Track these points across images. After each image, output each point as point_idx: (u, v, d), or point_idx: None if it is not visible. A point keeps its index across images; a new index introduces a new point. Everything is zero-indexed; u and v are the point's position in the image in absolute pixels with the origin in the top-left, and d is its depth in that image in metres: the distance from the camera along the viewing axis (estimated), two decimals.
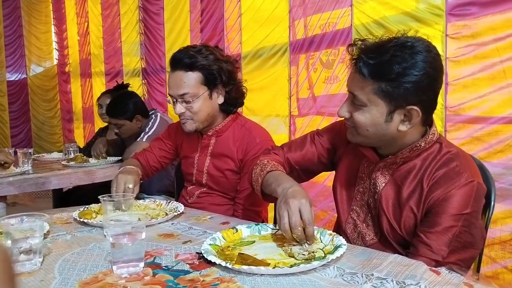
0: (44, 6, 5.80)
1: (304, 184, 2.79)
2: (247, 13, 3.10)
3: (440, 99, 1.90)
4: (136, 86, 4.16)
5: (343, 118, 1.35)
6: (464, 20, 2.02)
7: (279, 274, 0.88)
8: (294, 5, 2.78)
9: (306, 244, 1.00)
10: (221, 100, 1.61)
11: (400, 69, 1.00)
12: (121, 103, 2.62)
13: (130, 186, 1.42)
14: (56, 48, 5.79)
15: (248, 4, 3.08)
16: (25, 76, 6.07)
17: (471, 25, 2.00)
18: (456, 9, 2.04)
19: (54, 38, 5.78)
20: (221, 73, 1.57)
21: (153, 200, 1.56)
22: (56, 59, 5.82)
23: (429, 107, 1.07)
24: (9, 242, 0.91)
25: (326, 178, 2.52)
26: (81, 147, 3.20)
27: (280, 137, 2.76)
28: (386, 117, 1.05)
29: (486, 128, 1.98)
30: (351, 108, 1.10)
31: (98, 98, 3.18)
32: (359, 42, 1.07)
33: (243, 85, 1.70)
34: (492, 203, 1.23)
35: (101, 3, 4.70)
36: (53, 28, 5.77)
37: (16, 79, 6.10)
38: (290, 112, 2.85)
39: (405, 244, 1.11)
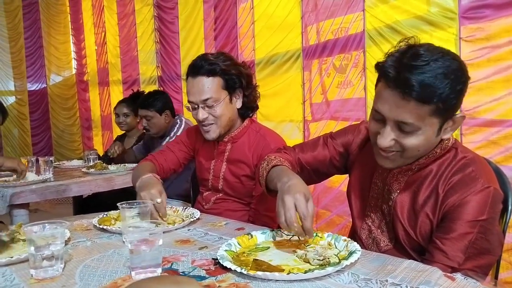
0: (62, 17, 5.95)
1: (320, 189, 2.81)
2: (260, 20, 3.13)
3: None
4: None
5: (357, 122, 1.36)
6: (478, 22, 2.01)
7: (294, 280, 0.89)
8: (307, 11, 2.80)
9: (315, 246, 1.01)
10: (239, 104, 1.65)
11: (450, 83, 0.96)
12: (153, 96, 2.75)
13: (159, 200, 1.37)
14: (75, 57, 5.92)
15: (261, 11, 3.12)
16: (45, 85, 6.22)
17: (485, 28, 1.98)
18: (470, 12, 2.03)
19: (72, 48, 5.92)
20: (240, 77, 1.61)
21: (170, 206, 1.57)
22: (75, 68, 5.95)
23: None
24: (32, 248, 0.95)
25: (342, 183, 2.52)
26: (100, 154, 3.26)
27: (294, 142, 2.75)
28: (437, 131, 1.03)
29: (502, 131, 1.95)
30: (396, 135, 1.03)
31: (115, 107, 3.25)
32: (388, 62, 1.00)
33: (257, 89, 1.73)
34: (510, 208, 1.21)
35: (118, 13, 4.80)
36: (71, 39, 5.90)
37: (37, 88, 6.25)
38: (304, 117, 2.86)
39: (421, 250, 1.10)
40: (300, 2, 2.83)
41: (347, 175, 1.37)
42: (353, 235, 1.29)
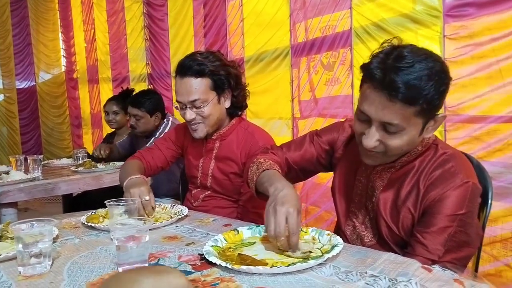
0: (51, 15, 5.91)
1: (308, 185, 2.83)
2: (249, 17, 3.14)
3: None
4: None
5: (343, 120, 1.38)
6: (461, 21, 2.04)
7: (277, 273, 0.91)
8: (295, 9, 2.82)
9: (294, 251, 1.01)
10: (228, 104, 1.65)
11: (435, 84, 0.98)
12: (146, 95, 2.72)
13: (147, 198, 1.39)
14: (64, 55, 5.88)
15: (250, 9, 3.13)
16: (34, 83, 6.17)
17: (468, 26, 2.02)
18: (453, 10, 2.06)
19: (61, 45, 5.88)
20: (229, 78, 1.61)
21: (159, 204, 1.59)
22: (64, 66, 5.92)
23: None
24: (20, 246, 0.96)
25: (330, 179, 2.52)
26: (90, 153, 3.26)
27: (283, 139, 2.78)
28: (420, 131, 1.05)
29: (485, 127, 1.99)
30: (381, 135, 1.06)
31: (104, 105, 3.24)
32: (373, 63, 1.02)
33: (247, 88, 1.74)
34: (489, 201, 1.24)
35: (107, 10, 4.78)
36: (60, 36, 5.87)
37: (26, 86, 6.20)
38: (293, 115, 2.88)
39: (403, 245, 1.13)
40: None
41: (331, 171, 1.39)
42: (338, 231, 1.31)
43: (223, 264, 0.93)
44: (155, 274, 0.58)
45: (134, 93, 3.07)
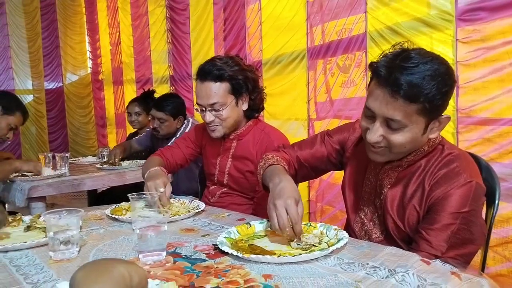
0: (78, 18, 6.11)
1: (324, 185, 2.87)
2: (267, 21, 3.21)
3: (451, 102, 1.96)
4: (165, 92, 4.34)
5: (354, 121, 1.44)
6: (474, 24, 2.06)
7: (284, 263, 0.97)
8: (312, 12, 2.87)
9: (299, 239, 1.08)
10: (245, 106, 1.73)
11: (437, 85, 1.03)
12: (170, 99, 2.77)
13: (161, 190, 1.48)
14: (90, 57, 6.08)
15: (268, 13, 3.19)
16: (62, 84, 6.39)
17: (481, 30, 2.03)
18: (466, 14, 2.08)
19: (88, 48, 6.08)
20: (247, 82, 1.68)
21: (178, 199, 1.67)
22: (90, 67, 6.11)
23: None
24: (51, 234, 1.05)
25: None
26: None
27: (299, 139, 2.85)
28: (423, 130, 1.09)
29: (497, 129, 2.00)
30: (384, 131, 1.10)
31: (127, 106, 3.35)
32: (381, 62, 1.08)
33: (264, 91, 1.81)
34: (497, 201, 1.27)
35: (131, 14, 4.92)
36: (87, 39, 6.06)
37: (53, 87, 6.42)
38: (309, 116, 2.93)
39: (410, 241, 1.17)
40: (305, 3, 2.90)
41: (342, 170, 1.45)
42: (347, 227, 1.37)
43: (235, 253, 1.00)
44: (123, 261, 0.64)
45: (156, 95, 3.17)
